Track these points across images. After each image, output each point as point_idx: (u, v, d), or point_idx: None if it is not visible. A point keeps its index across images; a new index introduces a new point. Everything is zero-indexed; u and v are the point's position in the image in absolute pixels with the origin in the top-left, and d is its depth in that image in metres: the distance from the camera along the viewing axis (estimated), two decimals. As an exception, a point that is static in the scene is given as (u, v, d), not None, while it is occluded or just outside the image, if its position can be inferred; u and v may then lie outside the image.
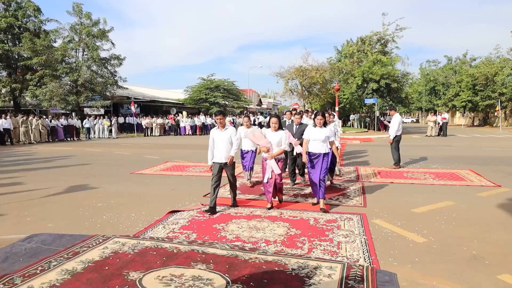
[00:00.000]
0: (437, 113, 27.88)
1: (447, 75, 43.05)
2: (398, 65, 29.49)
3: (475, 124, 42.96)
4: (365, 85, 27.44)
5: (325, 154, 5.45)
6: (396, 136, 9.53)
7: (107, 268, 3.23)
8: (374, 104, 27.94)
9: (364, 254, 3.65)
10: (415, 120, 65.27)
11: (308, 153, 5.54)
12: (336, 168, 7.83)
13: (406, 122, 54.22)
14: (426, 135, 22.88)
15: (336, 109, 25.08)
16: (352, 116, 35.69)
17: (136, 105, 27.77)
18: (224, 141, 5.34)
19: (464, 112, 44.63)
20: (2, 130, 18.04)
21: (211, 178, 5.38)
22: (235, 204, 5.64)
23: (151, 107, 34.20)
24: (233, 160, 5.40)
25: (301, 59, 35.66)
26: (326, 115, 6.96)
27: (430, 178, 7.91)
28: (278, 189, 5.57)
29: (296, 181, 7.48)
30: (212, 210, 5.23)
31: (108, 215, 5.20)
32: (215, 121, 5.61)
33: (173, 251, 3.64)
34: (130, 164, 10.37)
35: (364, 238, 4.09)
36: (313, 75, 29.00)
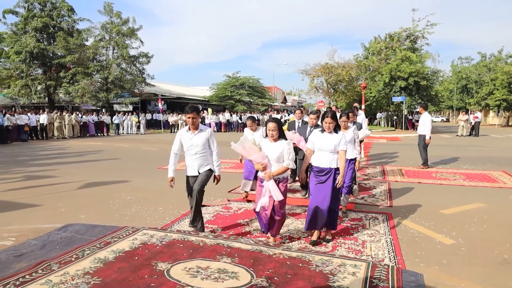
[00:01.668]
0: (469, 112, 26.85)
1: (481, 72, 41.28)
2: (428, 62, 28.61)
3: (510, 124, 41.05)
4: (393, 82, 26.80)
5: (338, 170, 3.98)
6: (424, 135, 9.27)
7: (136, 258, 3.36)
8: (402, 102, 27.23)
9: (389, 254, 3.61)
10: (445, 119, 63.09)
11: (313, 169, 4.10)
12: (354, 187, 5.65)
13: (435, 121, 52.52)
14: (457, 135, 22.11)
15: (363, 107, 24.63)
16: (378, 115, 34.96)
17: (163, 102, 28.36)
18: (197, 148, 4.15)
19: (499, 112, 42.69)
20: (38, 125, 18.91)
21: (187, 194, 4.26)
22: (193, 224, 4.25)
23: (177, 104, 34.82)
24: (219, 179, 4.27)
25: (327, 56, 35.32)
26: (350, 115, 5.93)
27: (460, 179, 7.67)
28: (276, 221, 3.93)
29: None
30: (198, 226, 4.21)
31: (137, 208, 5.38)
32: (185, 122, 4.39)
33: (199, 244, 3.74)
34: (157, 160, 10.63)
35: (390, 238, 4.05)
36: (339, 72, 28.57)
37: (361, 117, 8.42)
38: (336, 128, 4.11)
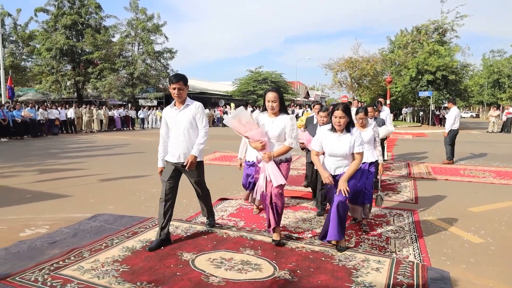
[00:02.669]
0: (501, 107, 25.75)
1: (514, 66, 39.51)
2: (457, 55, 27.63)
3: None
4: (420, 77, 26.05)
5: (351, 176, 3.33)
6: (451, 130, 9.05)
7: (162, 248, 3.46)
8: (428, 97, 26.44)
9: (414, 251, 3.55)
10: (474, 115, 60.76)
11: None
12: (380, 193, 4.94)
13: (464, 117, 50.67)
14: (487, 131, 21.29)
15: (388, 102, 24.12)
16: (404, 110, 34.11)
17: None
18: (181, 127, 3.44)
19: (533, 107, 40.75)
20: (67, 119, 19.62)
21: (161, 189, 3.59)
22: (212, 223, 3.94)
23: (200, 99, 35.15)
24: (194, 163, 3.49)
25: (351, 50, 34.60)
26: (369, 109, 5.50)
27: (490, 177, 7.41)
28: (277, 213, 3.48)
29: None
30: (159, 245, 3.39)
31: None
32: (171, 95, 3.45)
33: (222, 236, 3.81)
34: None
35: (415, 235, 3.98)
36: (364, 66, 28.04)
37: (385, 112, 8.22)
38: (349, 126, 3.33)
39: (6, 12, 27.07)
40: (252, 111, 3.57)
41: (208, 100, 36.92)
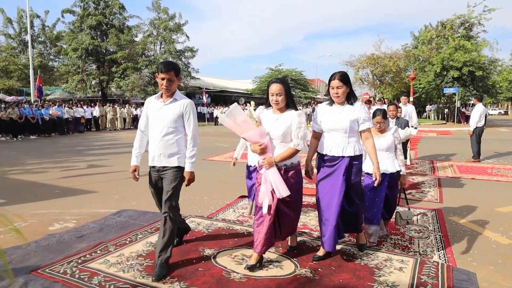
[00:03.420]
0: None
1: (546, 61, 37.79)
2: (484, 50, 26.68)
3: None
4: (445, 73, 25.31)
5: (354, 159, 2.92)
6: (476, 127, 8.78)
7: (184, 243, 3.52)
8: (454, 94, 25.65)
9: (439, 251, 3.47)
10: (503, 112, 58.52)
11: (319, 158, 3.07)
12: (401, 210, 3.86)
13: (492, 114, 48.89)
14: (517, 129, 20.49)
15: (411, 99, 23.57)
16: (428, 107, 33.26)
17: (207, 95, 29.02)
18: (163, 124, 2.91)
19: None
20: (92, 117, 20.19)
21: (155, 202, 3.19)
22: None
23: (221, 97, 35.46)
24: (192, 179, 2.99)
25: (373, 47, 33.98)
26: (390, 108, 5.49)
27: (519, 176, 7.14)
28: (284, 230, 3.03)
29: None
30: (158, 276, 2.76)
31: (183, 197, 5.59)
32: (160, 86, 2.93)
33: (243, 233, 3.83)
34: (202, 151, 10.93)
35: (440, 235, 3.89)
36: (386, 63, 27.53)
37: (409, 110, 7.99)
38: (351, 98, 2.94)
39: (35, 14, 28.10)
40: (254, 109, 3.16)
41: (228, 98, 37.20)
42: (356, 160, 2.94)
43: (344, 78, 2.88)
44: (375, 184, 2.95)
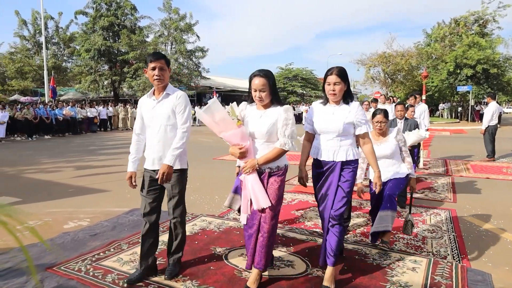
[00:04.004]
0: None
1: None
2: (499, 48, 26.16)
3: None
4: (458, 71, 24.90)
5: (347, 164, 2.62)
6: (489, 126, 8.63)
7: (196, 242, 3.55)
8: (468, 92, 25.21)
9: (452, 251, 3.42)
10: (518, 110, 57.26)
11: (316, 162, 2.75)
12: (412, 218, 3.63)
13: (507, 112, 47.88)
14: (533, 127, 20.04)
15: (423, 97, 23.26)
16: (441, 106, 32.74)
17: (217, 95, 29.15)
18: (158, 123, 2.73)
19: None
20: (106, 117, 20.47)
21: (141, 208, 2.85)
22: (173, 270, 2.83)
23: (231, 97, 35.55)
24: (169, 174, 2.67)
25: (384, 45, 33.66)
26: (398, 107, 5.08)
27: (536, 176, 6.99)
28: (261, 246, 2.56)
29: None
30: (140, 278, 2.72)
31: (195, 196, 5.64)
32: (151, 78, 2.75)
33: (254, 232, 3.84)
34: (213, 150, 11.00)
35: (454, 235, 3.83)
36: (398, 61, 27.20)
37: (422, 108, 7.73)
38: (348, 97, 2.66)
39: (49, 16, 28.62)
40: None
41: (238, 97, 37.26)
42: (349, 165, 2.62)
43: (342, 74, 2.58)
44: (376, 192, 2.80)
